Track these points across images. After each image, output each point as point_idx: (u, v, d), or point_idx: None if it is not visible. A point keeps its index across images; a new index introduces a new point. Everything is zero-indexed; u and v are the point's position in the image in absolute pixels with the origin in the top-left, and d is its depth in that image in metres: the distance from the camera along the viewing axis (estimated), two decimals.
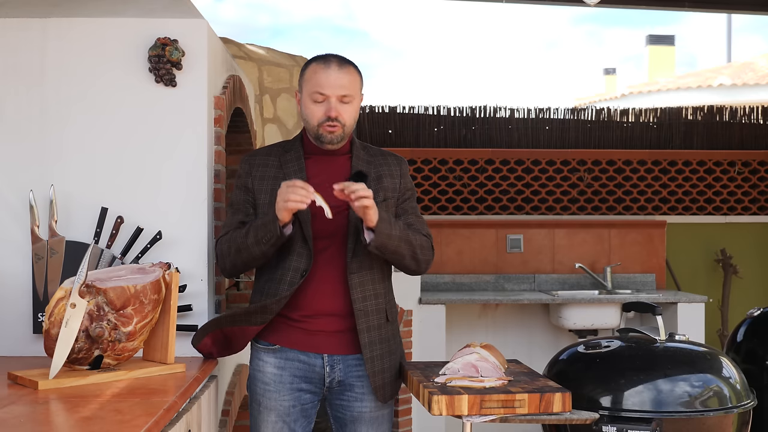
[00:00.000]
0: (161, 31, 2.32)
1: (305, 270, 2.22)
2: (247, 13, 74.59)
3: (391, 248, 2.20)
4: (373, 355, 2.26)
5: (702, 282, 5.56)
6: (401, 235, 2.21)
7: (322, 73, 2.22)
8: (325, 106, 2.22)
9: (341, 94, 2.22)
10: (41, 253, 2.30)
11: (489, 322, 5.17)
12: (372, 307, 2.27)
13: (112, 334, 2.02)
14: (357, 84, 2.27)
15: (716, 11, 6.10)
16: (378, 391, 2.29)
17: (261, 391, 2.31)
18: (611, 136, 5.67)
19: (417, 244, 2.27)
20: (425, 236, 2.32)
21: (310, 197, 2.09)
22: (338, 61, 2.25)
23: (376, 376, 2.27)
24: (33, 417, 1.69)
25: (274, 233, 2.13)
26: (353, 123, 2.28)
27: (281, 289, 2.23)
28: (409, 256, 2.25)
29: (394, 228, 2.20)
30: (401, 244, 2.22)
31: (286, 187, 2.11)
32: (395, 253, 2.22)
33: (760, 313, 3.40)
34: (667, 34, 17.52)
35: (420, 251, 2.28)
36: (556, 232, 5.30)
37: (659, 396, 2.47)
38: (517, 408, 2.14)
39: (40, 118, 2.32)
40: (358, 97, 2.29)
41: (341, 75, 2.22)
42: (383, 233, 2.16)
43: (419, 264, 2.30)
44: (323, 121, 2.22)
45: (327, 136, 2.24)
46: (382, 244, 2.17)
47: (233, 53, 4.03)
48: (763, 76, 11.27)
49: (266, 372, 2.30)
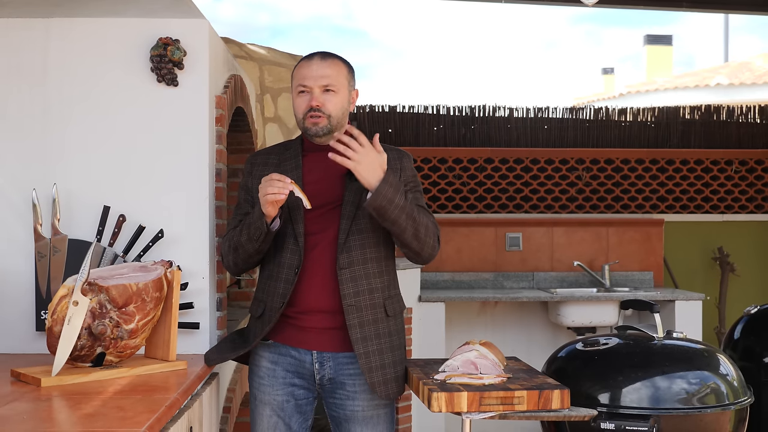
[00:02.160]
0: (163, 31, 2.33)
1: (297, 266, 2.23)
2: (247, 12, 74.45)
3: (390, 216, 2.13)
4: (368, 350, 2.23)
5: (699, 280, 5.58)
6: (405, 207, 2.15)
7: (304, 67, 2.26)
8: (307, 97, 2.24)
9: (323, 84, 2.22)
10: (44, 251, 2.31)
11: (488, 320, 5.18)
12: (366, 302, 2.24)
13: (114, 332, 2.03)
14: (342, 75, 2.26)
15: (713, 11, 6.11)
16: (378, 388, 2.24)
17: (257, 385, 2.34)
18: (609, 135, 5.68)
19: (421, 222, 2.21)
20: (432, 223, 2.27)
21: (287, 188, 2.11)
22: (321, 55, 2.27)
23: (374, 372, 2.23)
24: (36, 414, 1.70)
25: (262, 230, 2.17)
26: (340, 114, 2.26)
27: (278, 286, 2.25)
28: (411, 233, 2.19)
29: (398, 196, 2.13)
30: (402, 215, 2.15)
31: (264, 182, 2.13)
32: (394, 224, 2.15)
33: (757, 311, 3.42)
34: (664, 34, 17.50)
35: (424, 230, 2.21)
36: (555, 230, 5.32)
37: (657, 393, 2.48)
38: (516, 405, 2.15)
39: (42, 117, 2.33)
40: (345, 89, 2.27)
41: (322, 66, 2.24)
42: (384, 195, 2.11)
43: (422, 245, 2.22)
44: (307, 113, 2.23)
45: (312, 128, 2.24)
46: (380, 207, 2.12)
47: (234, 53, 4.04)
48: (760, 75, 11.28)
49: (261, 366, 2.33)
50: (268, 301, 2.29)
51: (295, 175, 2.27)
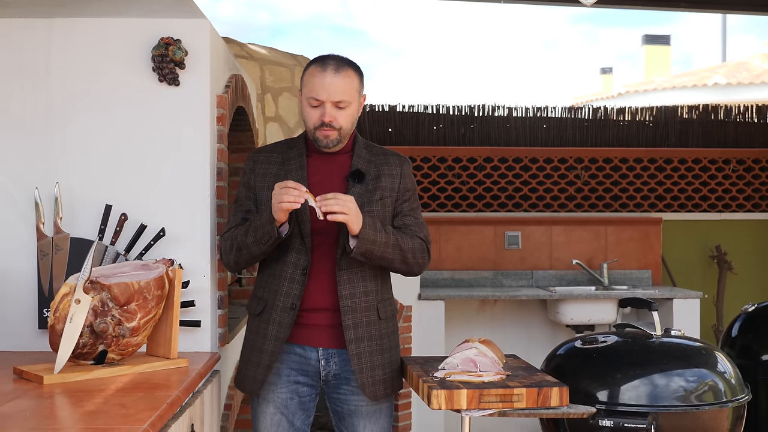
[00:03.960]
0: (164, 30, 2.34)
1: (305, 267, 2.25)
2: (246, 11, 74.35)
3: (377, 254, 2.20)
4: (360, 351, 2.26)
5: (697, 278, 5.60)
6: (388, 241, 2.21)
7: (318, 78, 2.23)
8: (320, 111, 2.23)
9: (336, 100, 2.23)
10: (46, 249, 2.31)
11: (487, 318, 5.20)
12: (361, 304, 2.27)
13: (116, 330, 2.04)
14: (354, 88, 2.26)
15: (711, 11, 6.12)
16: (366, 389, 2.28)
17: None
18: (608, 134, 5.70)
19: (408, 248, 2.26)
20: (421, 239, 2.31)
21: (302, 197, 2.11)
22: (335, 65, 2.24)
23: (364, 373, 2.27)
24: (38, 411, 1.71)
25: (272, 235, 2.17)
26: (350, 126, 2.29)
27: (282, 284, 2.26)
28: (399, 260, 2.26)
29: (379, 234, 2.19)
30: (388, 249, 2.22)
31: (279, 189, 2.13)
32: (383, 259, 2.23)
33: (755, 309, 3.42)
34: (662, 33, 17.51)
35: (411, 255, 2.27)
36: (554, 229, 5.33)
37: (655, 390, 2.48)
38: (515, 402, 2.16)
39: (45, 116, 2.34)
40: (356, 101, 2.28)
41: (336, 80, 2.22)
42: (367, 239, 2.16)
43: (411, 268, 2.30)
44: (318, 126, 2.24)
45: (322, 141, 2.26)
46: (367, 251, 2.18)
47: (235, 53, 4.05)
48: (758, 75, 11.30)
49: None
50: (269, 300, 2.29)
51: (299, 175, 2.28)
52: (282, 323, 2.26)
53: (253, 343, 2.32)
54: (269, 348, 2.27)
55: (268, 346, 2.28)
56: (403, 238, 2.26)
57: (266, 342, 2.28)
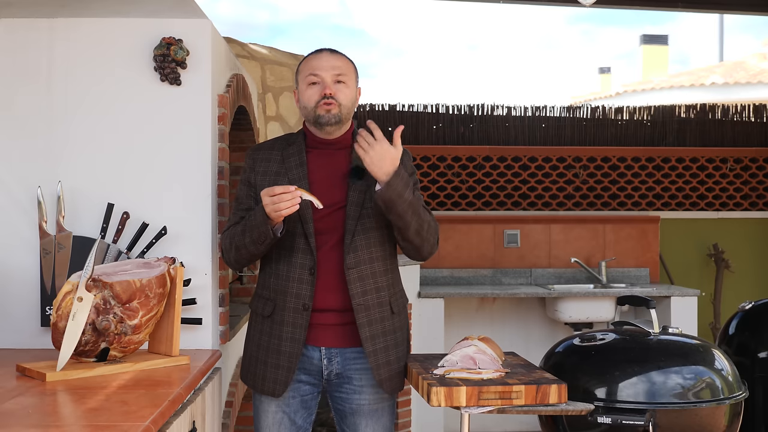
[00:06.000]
0: (166, 30, 2.35)
1: (312, 267, 2.25)
2: (245, 10, 74.18)
3: (398, 210, 2.14)
4: (376, 348, 2.26)
5: (695, 276, 5.61)
6: (413, 203, 2.17)
7: (314, 59, 2.28)
8: (320, 87, 2.25)
9: (335, 74, 2.25)
10: (49, 248, 2.33)
11: (486, 316, 5.21)
12: (373, 300, 2.27)
13: (118, 327, 2.04)
14: (351, 69, 2.30)
15: (708, 11, 6.14)
16: (384, 384, 2.29)
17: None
18: (606, 133, 5.71)
19: (425, 220, 2.24)
20: (434, 221, 2.29)
21: (297, 198, 2.10)
22: (330, 49, 2.31)
23: (381, 368, 2.27)
24: (41, 408, 1.71)
25: (268, 235, 2.18)
26: (350, 106, 2.28)
27: (290, 285, 2.26)
28: (414, 228, 2.21)
29: (407, 191, 2.15)
30: (409, 210, 2.16)
31: (269, 197, 2.10)
32: (400, 218, 2.17)
33: (752, 307, 3.44)
34: (660, 33, 17.53)
35: (427, 228, 2.24)
36: (552, 227, 5.35)
37: (653, 388, 2.50)
38: (514, 399, 2.17)
39: (47, 115, 2.35)
40: (353, 83, 2.30)
41: (333, 58, 2.28)
42: (395, 190, 2.11)
43: (423, 241, 2.25)
44: (320, 101, 2.24)
45: (325, 116, 2.24)
46: (390, 200, 2.12)
47: (236, 52, 4.06)
48: (755, 74, 11.32)
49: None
50: (278, 301, 2.28)
51: (299, 172, 2.28)
52: (296, 324, 2.26)
53: (268, 345, 2.29)
54: (287, 350, 2.26)
55: (285, 348, 2.26)
56: (423, 211, 2.24)
57: (282, 344, 2.26)
